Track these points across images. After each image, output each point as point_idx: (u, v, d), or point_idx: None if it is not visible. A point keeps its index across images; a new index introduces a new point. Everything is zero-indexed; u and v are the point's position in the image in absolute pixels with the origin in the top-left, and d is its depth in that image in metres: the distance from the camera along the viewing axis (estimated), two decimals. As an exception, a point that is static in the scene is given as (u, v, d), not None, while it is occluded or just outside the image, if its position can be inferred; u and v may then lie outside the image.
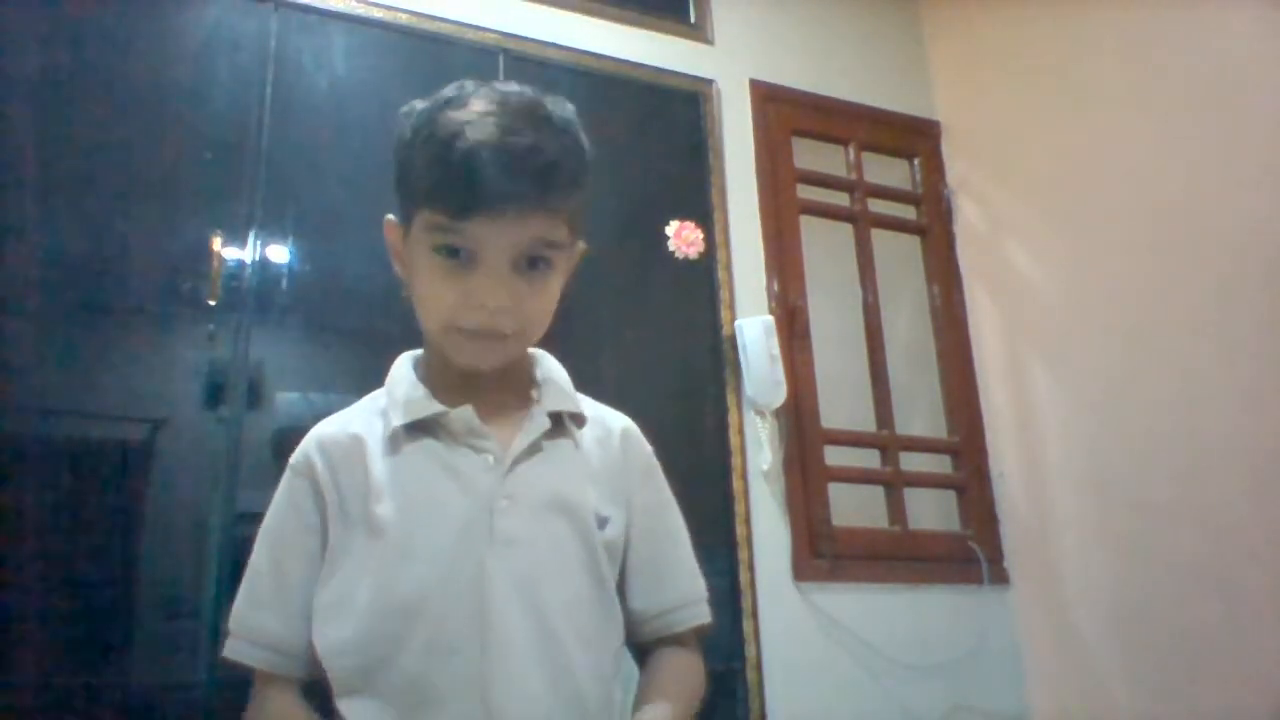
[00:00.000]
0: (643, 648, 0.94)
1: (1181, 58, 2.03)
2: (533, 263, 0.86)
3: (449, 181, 0.81)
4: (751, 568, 2.07)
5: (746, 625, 2.02)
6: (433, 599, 0.81)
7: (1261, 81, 1.86)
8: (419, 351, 0.97)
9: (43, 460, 1.62)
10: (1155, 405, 2.01)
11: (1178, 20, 2.04)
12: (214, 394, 1.73)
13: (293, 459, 0.93)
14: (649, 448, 1.00)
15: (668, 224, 2.26)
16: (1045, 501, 2.28)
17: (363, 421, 0.92)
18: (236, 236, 1.84)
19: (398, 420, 0.89)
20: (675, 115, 2.40)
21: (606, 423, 0.98)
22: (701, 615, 0.96)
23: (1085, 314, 2.22)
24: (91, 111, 1.81)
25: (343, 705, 0.82)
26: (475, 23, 2.22)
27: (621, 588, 0.93)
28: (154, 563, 1.63)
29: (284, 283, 1.86)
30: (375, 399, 0.95)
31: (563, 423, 0.93)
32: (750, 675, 1.98)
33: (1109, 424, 2.13)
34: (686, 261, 2.26)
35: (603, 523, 0.90)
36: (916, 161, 2.68)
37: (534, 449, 0.90)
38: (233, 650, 0.89)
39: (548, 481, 0.89)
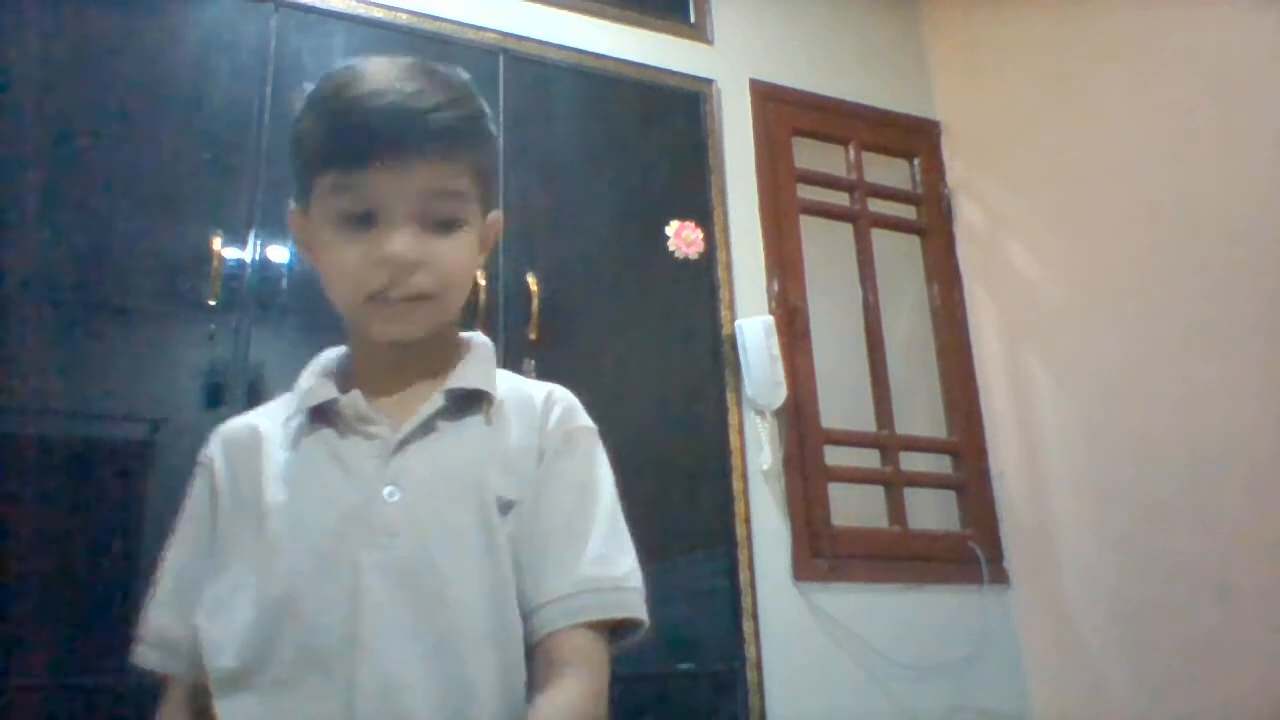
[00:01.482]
0: (535, 646, 0.78)
1: (1181, 58, 2.03)
2: (443, 224, 0.81)
3: (340, 133, 0.79)
4: (751, 568, 2.07)
5: (746, 625, 2.02)
6: (304, 596, 0.76)
7: (1261, 81, 1.86)
8: (344, 348, 0.92)
9: (43, 460, 1.62)
10: (1155, 405, 2.01)
11: (1178, 20, 2.04)
12: (214, 394, 1.73)
13: (199, 454, 0.90)
14: (580, 420, 0.88)
15: (668, 224, 2.26)
16: (1045, 501, 2.28)
17: (269, 416, 0.89)
18: (236, 236, 1.84)
19: (292, 409, 0.86)
20: (675, 115, 2.40)
21: (532, 392, 0.88)
22: (606, 607, 0.79)
23: (1085, 314, 2.22)
24: (91, 111, 1.81)
25: (219, 706, 0.77)
26: (475, 23, 2.22)
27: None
28: (154, 563, 1.63)
29: (284, 283, 1.86)
30: (288, 395, 0.90)
31: (475, 400, 0.85)
32: (750, 675, 1.98)
33: (1109, 424, 2.13)
34: (686, 261, 2.26)
35: (505, 508, 0.80)
36: (916, 161, 2.68)
37: (427, 429, 0.82)
38: (138, 655, 0.86)
39: (441, 464, 0.81)
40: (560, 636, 0.77)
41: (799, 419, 2.25)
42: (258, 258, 1.85)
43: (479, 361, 0.89)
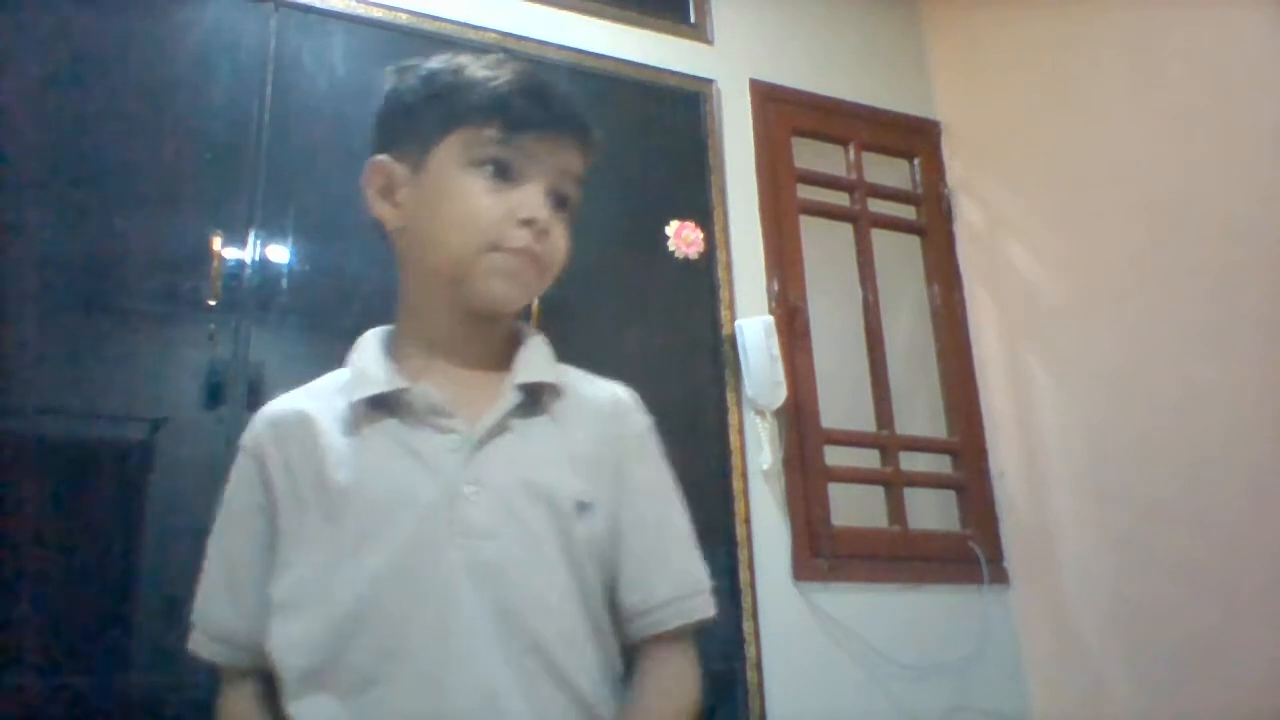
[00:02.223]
0: (633, 648, 0.85)
1: (1181, 58, 2.03)
2: (559, 203, 0.87)
3: (505, 96, 0.83)
4: (751, 568, 2.07)
5: (746, 625, 2.02)
6: (386, 596, 0.75)
7: (1262, 81, 1.86)
8: (388, 327, 0.91)
9: (43, 460, 1.62)
10: (1155, 405, 2.01)
11: (1177, 20, 2.04)
12: (214, 394, 1.73)
13: (242, 438, 0.87)
14: (644, 419, 0.93)
15: (668, 224, 2.26)
16: (1045, 501, 2.28)
17: (318, 399, 0.86)
18: (236, 236, 1.84)
19: (355, 395, 0.82)
20: (675, 115, 2.39)
21: (596, 394, 0.91)
22: (695, 610, 0.86)
23: (1085, 314, 2.22)
24: (91, 111, 1.81)
25: (293, 708, 0.76)
26: (475, 23, 2.22)
27: (614, 583, 0.84)
28: (154, 563, 1.63)
29: (284, 283, 1.86)
30: (336, 376, 0.88)
31: (541, 397, 0.86)
32: (750, 675, 1.98)
33: (1109, 424, 2.13)
34: (686, 261, 2.26)
35: (582, 509, 0.81)
36: (916, 161, 2.68)
37: (503, 427, 0.82)
38: (194, 643, 0.85)
39: (520, 464, 0.81)
40: (663, 638, 0.84)
41: (799, 419, 2.25)
42: (258, 258, 1.85)
43: (540, 353, 0.90)
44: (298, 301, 1.85)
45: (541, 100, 0.85)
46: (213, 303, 1.78)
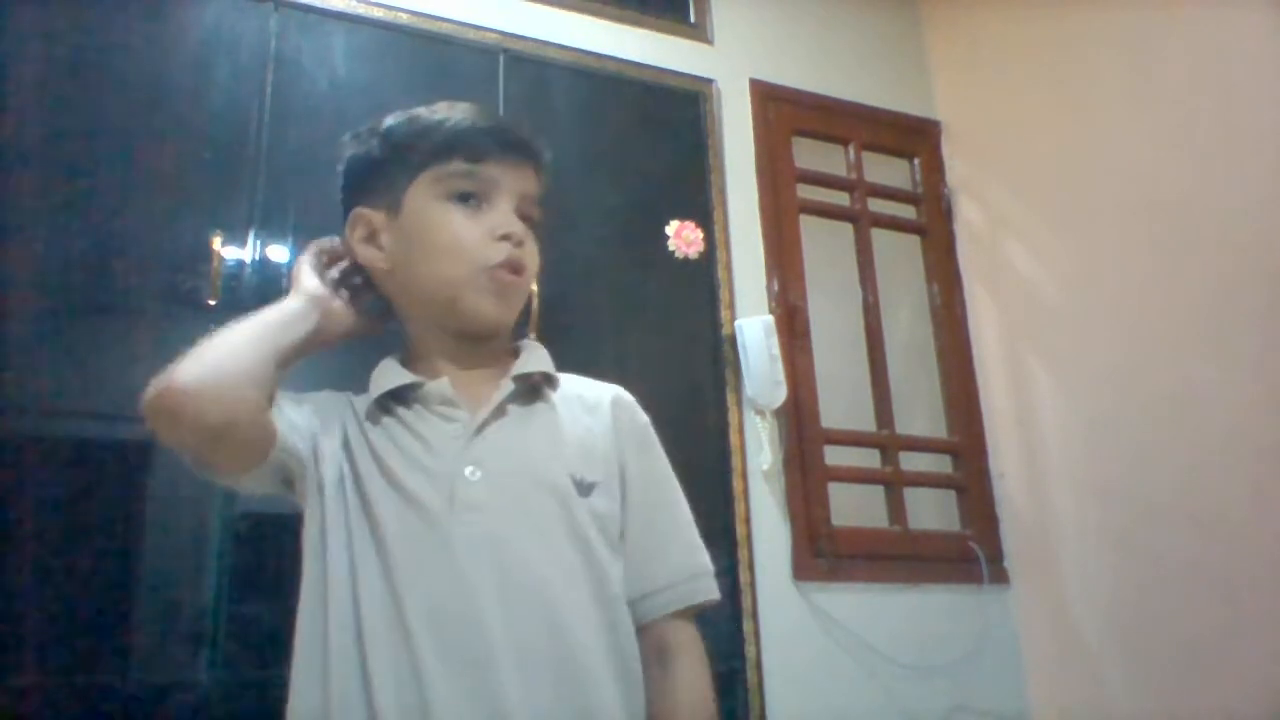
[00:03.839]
0: (641, 630, 0.90)
1: (1181, 57, 2.03)
2: (525, 220, 0.96)
3: (464, 133, 0.93)
4: (751, 568, 2.07)
5: (746, 625, 2.02)
6: (401, 563, 0.82)
7: (1262, 81, 1.86)
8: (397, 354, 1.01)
9: (43, 460, 1.62)
10: (1155, 405, 2.01)
11: (1178, 20, 2.04)
12: (214, 394, 1.73)
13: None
14: (644, 417, 1.01)
15: (668, 224, 2.26)
16: (1045, 501, 2.28)
17: (336, 399, 0.97)
18: (236, 236, 1.84)
19: (376, 392, 0.92)
20: (675, 115, 2.39)
21: (596, 392, 0.99)
22: (697, 594, 0.93)
23: (1085, 314, 2.22)
24: (91, 111, 1.81)
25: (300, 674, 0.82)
26: (475, 22, 2.22)
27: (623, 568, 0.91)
28: (154, 563, 1.63)
29: (284, 283, 1.86)
30: (339, 393, 0.98)
31: (538, 388, 0.95)
32: (750, 675, 1.98)
33: (1109, 424, 2.13)
34: (686, 261, 2.26)
35: (586, 489, 0.89)
36: (916, 161, 2.68)
37: (500, 412, 0.91)
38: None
39: (519, 446, 0.89)
40: (667, 622, 0.90)
41: (799, 419, 2.25)
42: (258, 258, 1.85)
43: (537, 354, 0.99)
44: (298, 301, 1.85)
45: (495, 132, 0.94)
46: (213, 303, 1.78)
